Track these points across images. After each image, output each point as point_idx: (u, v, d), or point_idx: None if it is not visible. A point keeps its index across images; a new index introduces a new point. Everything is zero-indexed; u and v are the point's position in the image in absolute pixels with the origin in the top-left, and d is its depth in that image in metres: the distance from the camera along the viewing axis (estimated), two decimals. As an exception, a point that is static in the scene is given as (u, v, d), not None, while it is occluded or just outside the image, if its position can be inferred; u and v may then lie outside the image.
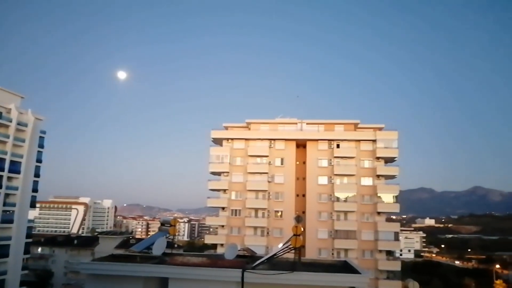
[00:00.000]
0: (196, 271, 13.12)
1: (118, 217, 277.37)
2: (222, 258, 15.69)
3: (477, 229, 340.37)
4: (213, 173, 67.72)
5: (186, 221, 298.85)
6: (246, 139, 67.76)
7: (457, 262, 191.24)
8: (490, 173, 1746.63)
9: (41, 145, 74.60)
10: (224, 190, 65.95)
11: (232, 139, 67.92)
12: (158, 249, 16.27)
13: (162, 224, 19.99)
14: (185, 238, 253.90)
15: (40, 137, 74.46)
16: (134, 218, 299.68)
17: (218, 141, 68.89)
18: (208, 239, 70.98)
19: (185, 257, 16.99)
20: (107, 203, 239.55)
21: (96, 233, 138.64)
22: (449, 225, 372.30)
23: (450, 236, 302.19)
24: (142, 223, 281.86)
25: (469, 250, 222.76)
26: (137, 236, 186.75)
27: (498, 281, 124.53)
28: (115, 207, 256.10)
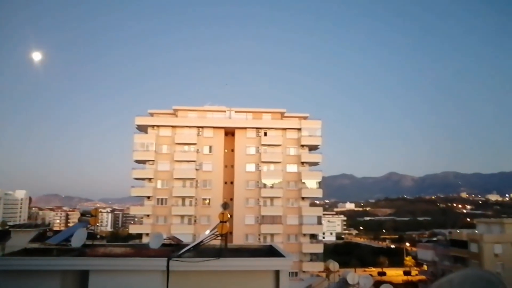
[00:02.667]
0: (118, 261, 12.64)
1: (33, 208, 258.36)
2: (147, 248, 15.29)
3: (391, 211, 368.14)
4: (138, 161, 65.70)
5: (109, 211, 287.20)
6: (173, 126, 66.45)
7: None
8: (403, 160, 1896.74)
9: None
10: (150, 179, 64.35)
11: (158, 126, 66.20)
12: (78, 240, 15.40)
13: (82, 214, 19.12)
14: (109, 229, 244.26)
15: None
16: (51, 210, 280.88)
17: (143, 128, 66.77)
18: (133, 229, 69.12)
19: (107, 247, 16.29)
20: (20, 194, 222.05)
21: (7, 227, 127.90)
22: (367, 209, 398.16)
23: (368, 218, 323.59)
24: (61, 214, 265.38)
25: (384, 231, 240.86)
26: (55, 229, 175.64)
27: (408, 258, 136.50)
28: (30, 198, 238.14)
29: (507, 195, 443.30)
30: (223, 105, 69.99)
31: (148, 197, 64.05)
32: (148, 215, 63.71)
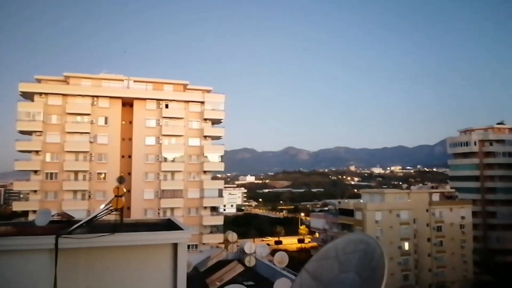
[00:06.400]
0: (-3, 242, 11.43)
1: None
2: (33, 225, 14.05)
3: (288, 183, 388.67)
4: (23, 132, 59.78)
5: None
6: (64, 95, 61.23)
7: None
8: (300, 135, 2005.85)
9: None
10: (37, 152, 59.00)
11: (46, 93, 60.45)
12: None
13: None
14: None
15: None
16: None
17: (29, 96, 60.48)
18: (17, 206, 62.97)
19: (-16, 227, 14.63)
20: None
21: None
22: (266, 181, 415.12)
23: (267, 190, 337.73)
24: None
25: (281, 202, 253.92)
26: None
27: (302, 227, 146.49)
28: None
29: (388, 168, 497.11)
30: (121, 74, 66.24)
31: (36, 171, 58.85)
32: (35, 191, 58.69)
